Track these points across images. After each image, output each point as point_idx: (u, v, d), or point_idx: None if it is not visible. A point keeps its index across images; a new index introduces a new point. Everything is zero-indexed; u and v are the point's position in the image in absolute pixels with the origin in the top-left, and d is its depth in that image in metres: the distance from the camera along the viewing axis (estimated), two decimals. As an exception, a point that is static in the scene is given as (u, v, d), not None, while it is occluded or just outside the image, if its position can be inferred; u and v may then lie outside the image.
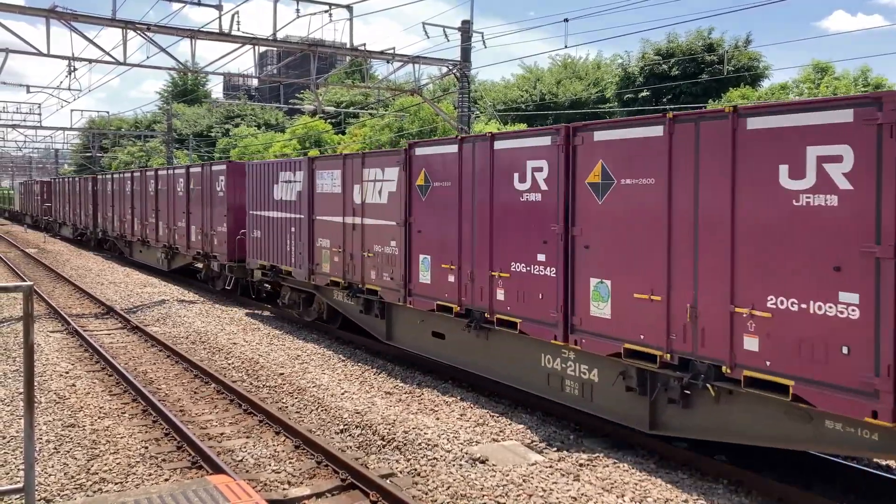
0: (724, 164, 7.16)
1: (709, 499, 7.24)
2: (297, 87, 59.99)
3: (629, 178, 8.13)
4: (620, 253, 8.25)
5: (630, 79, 43.20)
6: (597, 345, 8.54)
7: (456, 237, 10.72)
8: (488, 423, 9.54)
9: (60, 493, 7.44)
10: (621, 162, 8.21)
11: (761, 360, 6.91)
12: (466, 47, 22.92)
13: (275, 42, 21.41)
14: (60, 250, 36.25)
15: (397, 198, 12.05)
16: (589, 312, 8.63)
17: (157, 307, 18.80)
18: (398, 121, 39.10)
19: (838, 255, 6.32)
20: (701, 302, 7.42)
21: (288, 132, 50.72)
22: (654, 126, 7.85)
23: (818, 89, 33.20)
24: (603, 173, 8.41)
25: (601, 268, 8.49)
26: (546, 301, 9.18)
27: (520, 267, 9.60)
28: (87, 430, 9.27)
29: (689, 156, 7.50)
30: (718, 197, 7.22)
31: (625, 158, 8.17)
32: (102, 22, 19.29)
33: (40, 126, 47.06)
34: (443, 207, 11.02)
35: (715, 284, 7.27)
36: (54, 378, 11.77)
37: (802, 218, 6.58)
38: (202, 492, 4.72)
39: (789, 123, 6.68)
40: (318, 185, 14.51)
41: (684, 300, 7.57)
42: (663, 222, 7.74)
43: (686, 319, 7.54)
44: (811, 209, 6.52)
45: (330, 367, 12.65)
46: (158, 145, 60.86)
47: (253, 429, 9.45)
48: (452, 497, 7.23)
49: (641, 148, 7.97)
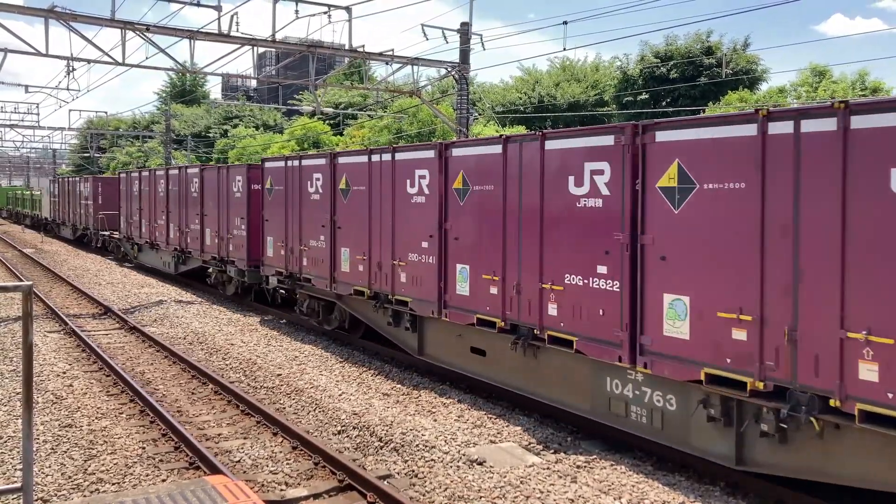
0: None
1: (706, 501, 7.25)
2: (295, 88, 60.03)
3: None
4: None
5: (629, 81, 43.27)
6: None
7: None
8: (486, 424, 9.54)
9: (57, 493, 7.44)
10: (702, 163, 7.29)
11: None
12: (465, 49, 22.94)
13: (274, 43, 21.41)
14: (58, 250, 36.21)
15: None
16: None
17: (154, 308, 18.79)
18: (397, 122, 39.12)
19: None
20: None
21: (286, 133, 50.72)
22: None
23: (816, 93, 33.28)
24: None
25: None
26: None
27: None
28: (84, 431, 9.26)
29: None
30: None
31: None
32: (101, 22, 19.28)
33: (38, 126, 47.06)
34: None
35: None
36: (51, 378, 11.76)
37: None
38: (200, 492, 4.73)
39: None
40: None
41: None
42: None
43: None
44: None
45: (327, 369, 12.65)
46: (157, 146, 60.86)
47: (250, 430, 9.45)
48: (450, 498, 7.23)
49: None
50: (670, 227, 7.61)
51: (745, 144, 6.96)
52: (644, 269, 7.88)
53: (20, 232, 52.71)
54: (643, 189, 7.87)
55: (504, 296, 9.78)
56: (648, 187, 7.82)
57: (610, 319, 8.23)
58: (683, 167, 7.47)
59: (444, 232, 10.90)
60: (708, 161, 7.25)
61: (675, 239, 7.57)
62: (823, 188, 6.42)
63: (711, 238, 7.26)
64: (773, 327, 6.79)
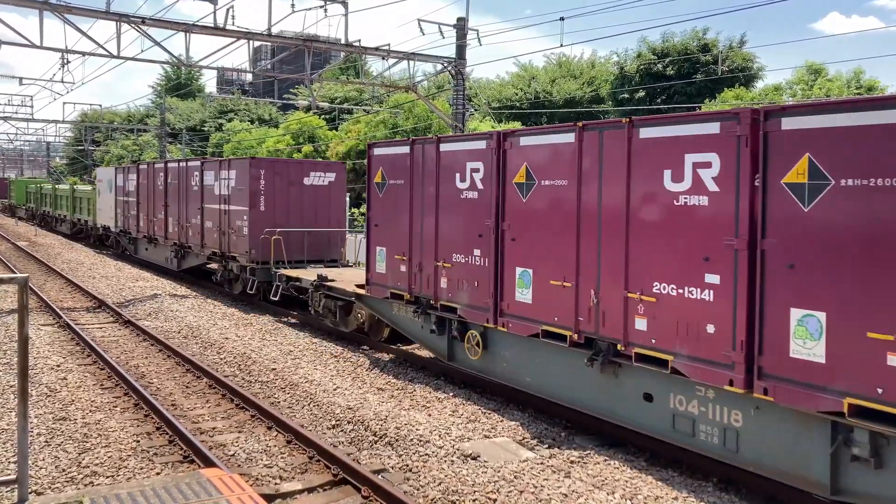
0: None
1: (698, 496, 7.29)
2: (291, 82, 59.86)
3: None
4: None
5: (626, 77, 43.30)
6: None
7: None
8: (480, 419, 9.57)
9: (51, 486, 7.43)
10: (840, 157, 6.28)
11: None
12: (461, 44, 22.94)
13: (269, 37, 21.37)
14: (52, 243, 36.09)
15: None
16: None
17: (149, 301, 18.76)
18: (393, 117, 39.08)
19: None
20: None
21: (282, 127, 50.64)
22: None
23: (811, 91, 33.37)
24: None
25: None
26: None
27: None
28: (78, 424, 9.25)
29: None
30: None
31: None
32: (96, 15, 19.21)
33: (32, 119, 46.84)
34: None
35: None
36: (45, 371, 11.74)
37: None
38: (195, 484, 4.74)
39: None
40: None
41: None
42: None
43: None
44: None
45: (322, 363, 12.65)
46: (151, 139, 60.69)
47: (245, 423, 9.45)
48: (444, 493, 7.25)
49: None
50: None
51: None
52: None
53: (13, 225, 52.31)
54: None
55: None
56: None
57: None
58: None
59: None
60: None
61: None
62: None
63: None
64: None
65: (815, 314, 6.38)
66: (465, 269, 10.50)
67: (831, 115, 6.31)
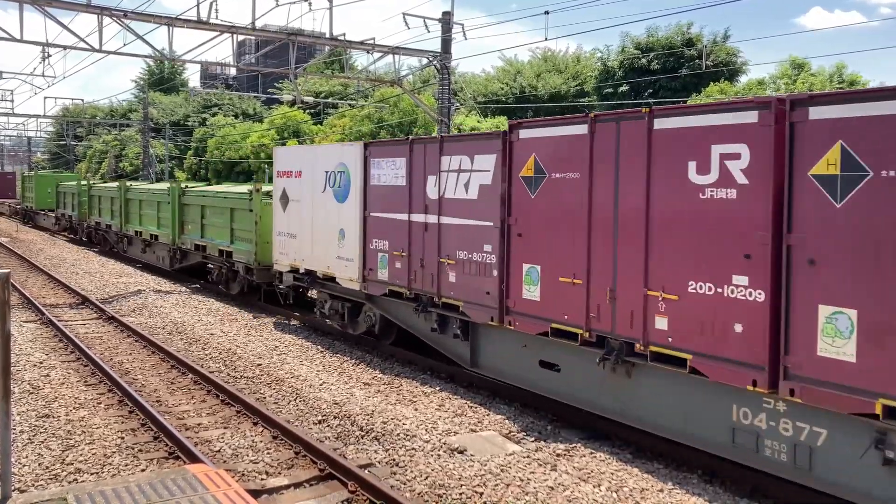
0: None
1: (683, 488, 7.34)
2: (275, 76, 59.56)
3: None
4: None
5: (609, 73, 43.44)
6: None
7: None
8: (466, 413, 9.59)
9: (35, 483, 7.37)
10: (877, 147, 5.92)
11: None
12: (447, 38, 22.91)
13: (253, 31, 21.24)
14: (34, 239, 35.74)
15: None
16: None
17: (133, 297, 18.62)
18: (378, 111, 38.99)
19: None
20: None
21: (266, 122, 50.40)
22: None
23: (794, 85, 33.62)
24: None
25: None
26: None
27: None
28: (61, 421, 9.18)
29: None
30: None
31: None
32: (78, 7, 19.01)
33: (13, 113, 46.37)
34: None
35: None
36: (28, 368, 11.63)
37: None
38: (181, 480, 4.71)
39: None
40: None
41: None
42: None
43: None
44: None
45: (308, 359, 12.62)
46: (134, 134, 60.21)
47: (230, 419, 9.41)
48: (431, 487, 7.26)
49: None
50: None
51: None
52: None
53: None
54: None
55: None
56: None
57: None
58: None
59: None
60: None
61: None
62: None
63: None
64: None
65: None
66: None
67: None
